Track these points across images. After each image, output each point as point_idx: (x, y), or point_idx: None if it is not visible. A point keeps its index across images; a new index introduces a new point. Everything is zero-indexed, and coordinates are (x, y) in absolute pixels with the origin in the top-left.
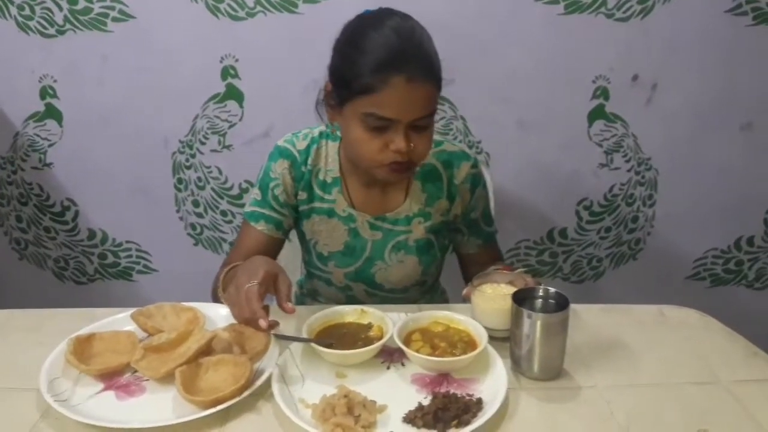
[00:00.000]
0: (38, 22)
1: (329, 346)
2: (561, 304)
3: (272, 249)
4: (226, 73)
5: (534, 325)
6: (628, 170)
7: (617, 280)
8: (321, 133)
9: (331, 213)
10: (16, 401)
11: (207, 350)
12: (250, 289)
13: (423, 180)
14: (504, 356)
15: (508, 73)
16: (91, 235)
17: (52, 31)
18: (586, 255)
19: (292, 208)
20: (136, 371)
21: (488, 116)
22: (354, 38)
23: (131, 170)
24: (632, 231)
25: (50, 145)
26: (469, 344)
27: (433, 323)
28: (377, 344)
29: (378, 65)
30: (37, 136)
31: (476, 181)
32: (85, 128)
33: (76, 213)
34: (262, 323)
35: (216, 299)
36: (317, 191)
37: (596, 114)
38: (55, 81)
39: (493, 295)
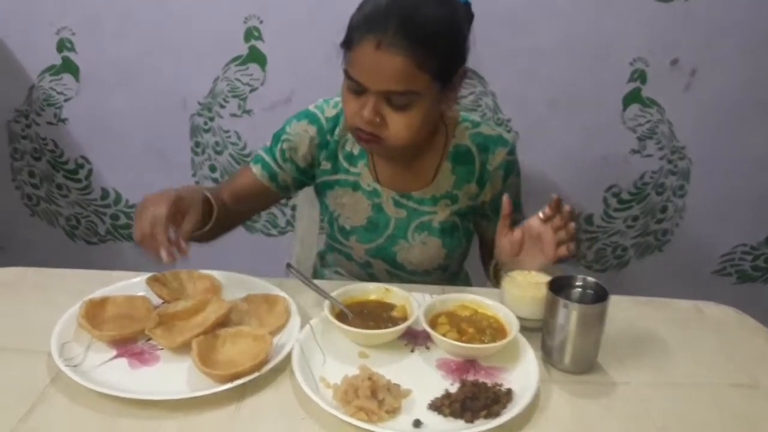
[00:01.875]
0: None
1: (352, 319)
2: (599, 295)
3: (259, 196)
4: (250, 34)
5: (569, 315)
6: (661, 158)
7: (641, 270)
8: None
9: (356, 186)
10: (26, 363)
11: (224, 321)
12: (157, 213)
13: (454, 162)
14: (534, 346)
15: (541, 50)
16: (104, 194)
17: None
18: (611, 243)
19: (298, 169)
20: (150, 339)
21: (519, 94)
22: None
23: (148, 131)
24: (660, 221)
25: (66, 100)
26: (498, 331)
27: (460, 307)
28: (403, 325)
29: (358, 21)
30: (53, 90)
31: (510, 168)
32: (103, 85)
33: (90, 171)
34: (163, 254)
35: None
36: (342, 163)
37: (632, 98)
38: (73, 34)
39: (526, 283)
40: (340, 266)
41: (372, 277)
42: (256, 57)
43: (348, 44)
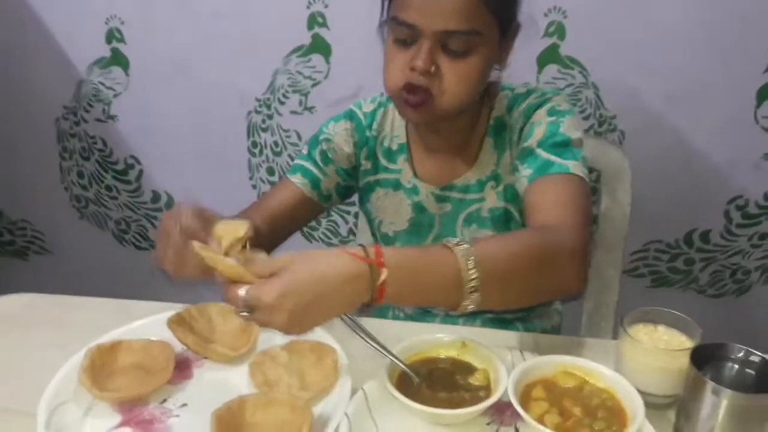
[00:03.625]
0: None
1: (418, 385)
2: (762, 376)
3: (299, 211)
4: (313, 21)
5: (719, 404)
6: None
7: (766, 297)
8: (389, 98)
9: (396, 185)
10: (11, 428)
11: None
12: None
13: (495, 135)
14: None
15: (657, 35)
16: (155, 197)
17: None
18: (731, 265)
19: (341, 171)
20: (164, 400)
21: (627, 86)
22: None
23: (201, 129)
24: None
25: (115, 96)
26: (615, 413)
27: (562, 374)
28: (485, 403)
29: None
30: (102, 84)
31: (535, 105)
32: (153, 78)
33: (140, 172)
34: (195, 244)
35: None
36: (382, 160)
37: None
38: (122, 23)
39: (654, 348)
40: None
41: None
42: (320, 47)
43: None
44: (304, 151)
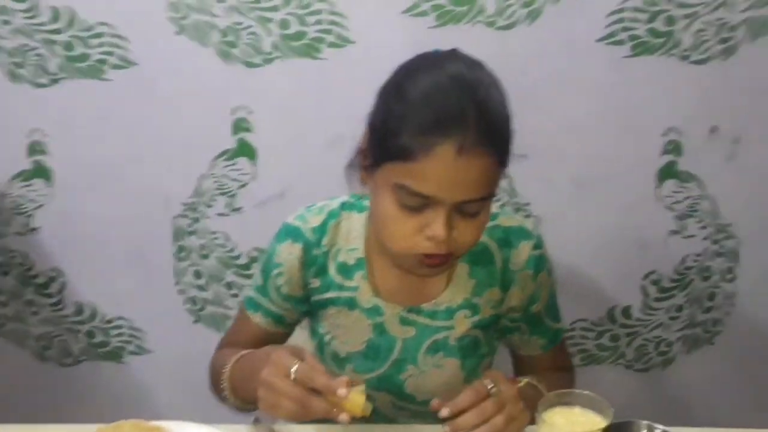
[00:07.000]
0: (29, 70)
1: None
2: None
3: (272, 340)
4: (238, 126)
5: None
6: (704, 238)
7: (690, 367)
8: (343, 204)
9: (352, 304)
10: None
11: None
12: (301, 368)
13: (472, 263)
14: None
15: (562, 125)
16: (78, 309)
17: (44, 80)
18: (654, 338)
19: (298, 302)
20: None
21: (538, 174)
22: (402, 82)
23: (127, 236)
24: (708, 310)
25: (36, 207)
26: None
27: None
28: None
29: (422, 125)
30: (22, 197)
31: (540, 265)
32: (77, 188)
33: (63, 284)
34: (342, 391)
35: (218, 391)
36: (335, 277)
37: (666, 172)
38: (45, 135)
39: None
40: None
41: (376, 414)
42: (246, 150)
43: (406, 154)
44: (258, 281)
